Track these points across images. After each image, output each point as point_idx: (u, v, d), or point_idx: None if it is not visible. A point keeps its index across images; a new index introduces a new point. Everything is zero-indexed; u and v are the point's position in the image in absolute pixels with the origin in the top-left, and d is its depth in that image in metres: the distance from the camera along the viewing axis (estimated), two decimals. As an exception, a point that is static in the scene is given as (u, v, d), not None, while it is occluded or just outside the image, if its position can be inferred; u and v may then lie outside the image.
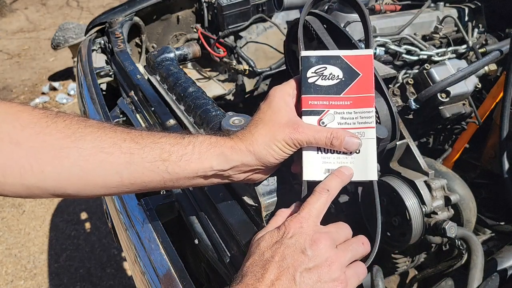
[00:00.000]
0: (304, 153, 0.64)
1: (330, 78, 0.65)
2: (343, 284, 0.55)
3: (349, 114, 0.64)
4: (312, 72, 0.66)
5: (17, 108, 0.58)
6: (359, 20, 1.25)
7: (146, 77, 1.25)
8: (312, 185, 0.63)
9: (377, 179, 0.64)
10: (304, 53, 0.68)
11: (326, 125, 0.64)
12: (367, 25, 0.72)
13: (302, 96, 0.65)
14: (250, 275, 0.54)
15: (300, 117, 0.65)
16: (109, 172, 0.59)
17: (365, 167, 0.64)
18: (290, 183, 0.76)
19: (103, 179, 0.60)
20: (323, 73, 0.66)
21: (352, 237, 0.64)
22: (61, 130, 0.58)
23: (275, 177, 0.74)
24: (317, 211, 0.60)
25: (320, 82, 0.65)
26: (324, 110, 0.64)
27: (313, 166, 0.64)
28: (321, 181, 0.63)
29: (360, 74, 0.65)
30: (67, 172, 0.58)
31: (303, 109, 0.65)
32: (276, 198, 0.73)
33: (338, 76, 0.65)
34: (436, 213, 0.93)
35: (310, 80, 0.65)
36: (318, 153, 0.64)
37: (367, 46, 0.70)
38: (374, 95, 0.65)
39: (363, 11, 0.71)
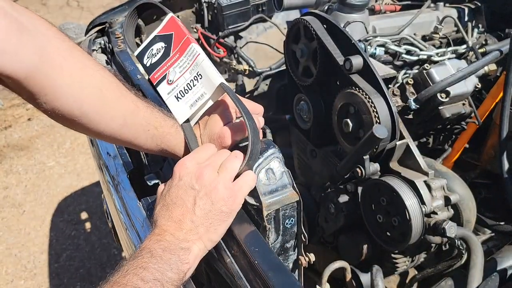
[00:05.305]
0: (169, 104, 0.78)
1: (157, 52, 0.81)
2: (232, 198, 0.66)
3: (181, 62, 0.78)
4: (146, 58, 0.83)
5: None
6: (359, 20, 1.26)
7: (147, 77, 1.25)
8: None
9: (222, 81, 0.73)
10: (135, 53, 0.85)
11: (174, 81, 0.78)
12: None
13: (150, 77, 0.81)
14: (160, 219, 0.66)
15: (157, 92, 0.80)
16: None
17: (209, 80, 0.74)
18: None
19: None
20: (151, 53, 0.82)
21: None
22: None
23: (276, 177, 0.74)
24: (200, 152, 0.71)
25: (153, 59, 0.82)
26: (166, 73, 0.79)
27: (180, 110, 0.77)
28: (190, 117, 0.77)
29: (172, 33, 0.80)
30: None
31: (154, 84, 0.80)
32: (277, 197, 0.73)
33: (162, 46, 0.81)
34: (436, 213, 0.93)
35: (148, 64, 0.82)
36: (178, 100, 0.77)
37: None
38: (187, 35, 0.78)
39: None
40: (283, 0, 1.45)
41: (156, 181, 1.01)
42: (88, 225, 2.62)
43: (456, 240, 0.91)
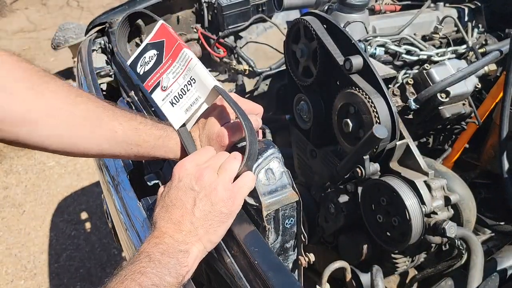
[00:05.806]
0: (164, 110, 0.78)
1: (150, 59, 0.82)
2: (232, 199, 0.67)
3: (174, 67, 0.78)
4: (139, 67, 0.83)
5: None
6: (359, 20, 1.26)
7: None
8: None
9: (216, 84, 0.73)
10: (128, 62, 0.85)
11: (168, 87, 0.78)
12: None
13: (144, 85, 0.81)
14: (160, 220, 0.66)
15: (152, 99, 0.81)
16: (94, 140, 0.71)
17: (203, 84, 0.74)
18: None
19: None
20: (144, 61, 0.82)
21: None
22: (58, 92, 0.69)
23: (275, 177, 0.74)
24: (199, 154, 0.72)
25: (146, 67, 0.82)
26: (160, 80, 0.79)
27: (176, 115, 0.77)
28: (185, 121, 0.77)
29: (164, 40, 0.80)
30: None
31: (149, 91, 0.80)
32: (276, 198, 0.73)
33: (154, 54, 0.81)
34: (436, 213, 0.93)
35: (141, 72, 0.82)
36: (173, 106, 0.78)
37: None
38: (178, 41, 0.78)
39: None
40: (283, 0, 1.46)
41: (156, 181, 1.01)
42: (88, 225, 2.62)
43: (456, 240, 0.91)
